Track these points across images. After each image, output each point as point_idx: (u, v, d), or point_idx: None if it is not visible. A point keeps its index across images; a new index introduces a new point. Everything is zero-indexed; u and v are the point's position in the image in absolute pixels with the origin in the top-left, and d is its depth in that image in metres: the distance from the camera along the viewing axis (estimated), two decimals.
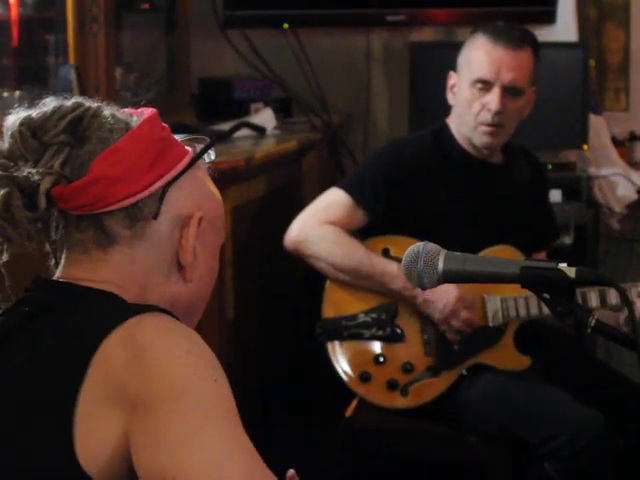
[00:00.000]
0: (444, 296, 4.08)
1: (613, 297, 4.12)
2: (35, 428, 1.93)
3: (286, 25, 5.04)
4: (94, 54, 4.29)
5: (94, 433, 1.89)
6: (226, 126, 4.66)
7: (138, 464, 1.87)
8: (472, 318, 4.12)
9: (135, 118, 2.09)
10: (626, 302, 2.36)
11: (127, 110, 2.13)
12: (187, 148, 2.15)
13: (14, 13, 4.30)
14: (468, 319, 4.11)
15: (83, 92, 3.64)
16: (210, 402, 1.90)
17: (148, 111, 2.11)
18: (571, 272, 2.23)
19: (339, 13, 5.13)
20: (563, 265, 2.25)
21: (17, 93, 4.17)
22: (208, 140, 2.35)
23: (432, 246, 2.29)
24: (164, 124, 2.12)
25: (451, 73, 4.27)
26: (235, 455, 1.86)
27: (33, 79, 4.07)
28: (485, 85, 4.14)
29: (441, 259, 2.29)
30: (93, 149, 2.01)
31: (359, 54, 5.37)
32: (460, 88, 4.22)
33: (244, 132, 4.69)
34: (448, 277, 2.32)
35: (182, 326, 2.01)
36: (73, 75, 4.14)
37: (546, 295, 2.33)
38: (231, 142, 4.57)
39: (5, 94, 4.18)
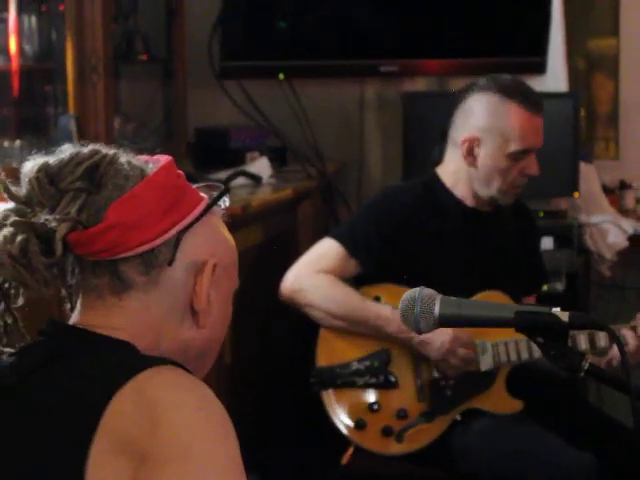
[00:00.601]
0: (440, 336, 4.07)
1: (602, 340, 4.14)
2: (50, 474, 1.93)
3: (281, 76, 5.05)
4: (93, 104, 4.30)
5: (103, 477, 1.88)
6: (223, 175, 4.69)
7: None
8: (468, 355, 4.12)
9: (151, 165, 2.08)
10: (618, 344, 2.38)
11: (143, 157, 2.12)
12: (202, 195, 2.15)
13: (15, 64, 4.32)
14: (465, 356, 4.11)
15: (82, 139, 3.66)
16: (218, 462, 1.90)
17: (164, 158, 2.10)
18: (564, 316, 2.26)
19: (333, 64, 5.16)
20: (556, 310, 2.27)
21: (17, 142, 4.18)
22: (222, 187, 2.35)
23: (428, 291, 2.31)
24: (179, 171, 2.11)
25: (467, 136, 4.21)
26: None
27: (33, 129, 4.09)
28: (527, 154, 4.19)
29: (437, 304, 2.31)
30: (109, 195, 2.01)
31: (353, 104, 5.40)
32: (490, 155, 4.20)
33: (240, 181, 4.72)
34: (444, 321, 2.34)
35: (194, 381, 1.99)
36: (73, 125, 4.16)
37: (540, 339, 2.35)
38: (228, 190, 4.58)
39: (6, 144, 4.19)
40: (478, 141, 4.19)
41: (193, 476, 1.86)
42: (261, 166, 4.85)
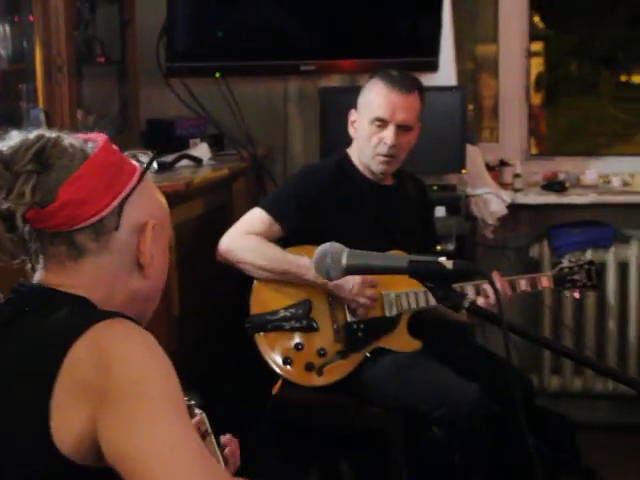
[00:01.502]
0: (350, 280, 4.12)
1: (487, 290, 4.16)
2: (17, 418, 1.96)
3: (218, 74, 5.08)
4: (59, 99, 4.31)
5: (66, 421, 1.91)
6: (169, 158, 4.69)
7: (103, 444, 1.90)
8: (374, 295, 4.18)
9: (90, 145, 2.10)
10: (492, 285, 2.45)
11: (81, 135, 2.14)
12: (134, 164, 2.17)
13: None
14: (371, 295, 4.17)
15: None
16: (163, 398, 1.92)
17: (100, 137, 2.13)
18: (449, 264, 2.34)
19: (261, 64, 5.16)
20: (442, 259, 2.36)
21: None
22: (150, 154, 2.38)
23: (337, 245, 2.40)
24: (115, 147, 2.15)
25: (352, 111, 4.32)
26: (184, 443, 1.90)
27: (9, 121, 4.07)
28: (382, 123, 4.20)
29: (344, 256, 2.39)
30: (58, 176, 2.03)
31: (278, 97, 5.43)
32: (360, 124, 4.28)
33: (184, 162, 4.74)
34: (350, 270, 2.42)
35: (140, 330, 2.02)
36: (42, 117, 4.17)
37: (429, 283, 2.42)
38: (173, 171, 4.61)
39: None
40: (357, 114, 4.29)
41: (143, 409, 1.90)
42: (202, 150, 4.89)
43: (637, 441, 1.89)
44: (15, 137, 2.08)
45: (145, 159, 2.27)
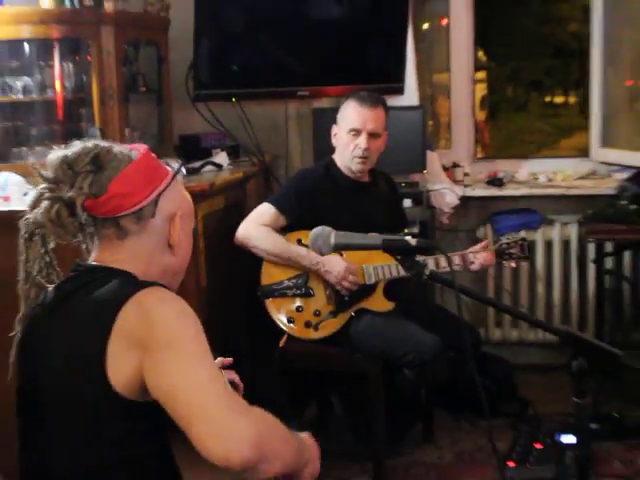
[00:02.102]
0: (336, 267, 4.14)
1: (443, 263, 4.19)
2: (82, 365, 1.98)
3: (234, 99, 5.07)
4: (111, 120, 4.34)
5: (119, 365, 1.95)
6: (197, 164, 4.68)
7: (149, 383, 1.94)
8: (355, 280, 4.17)
9: (134, 152, 2.15)
10: (446, 257, 2.47)
11: (128, 145, 2.20)
12: (168, 168, 2.22)
13: (59, 96, 4.32)
14: (352, 281, 4.16)
15: None
16: (192, 347, 1.96)
17: (142, 147, 2.20)
18: (413, 242, 2.38)
19: (267, 91, 5.15)
20: (408, 237, 2.38)
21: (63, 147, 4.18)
22: (179, 162, 2.40)
23: (327, 229, 2.45)
24: (153, 154, 2.21)
25: (333, 126, 4.35)
26: (211, 380, 1.93)
27: (72, 137, 4.05)
28: (356, 132, 4.22)
29: (332, 236, 2.42)
30: (109, 175, 2.09)
31: (280, 116, 5.39)
32: (340, 135, 4.30)
33: (208, 168, 4.73)
34: (337, 247, 2.46)
35: (174, 296, 2.06)
36: (98, 134, 4.18)
37: (398, 257, 2.43)
38: (200, 174, 4.60)
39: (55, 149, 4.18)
40: (337, 128, 4.30)
41: (177, 355, 1.93)
42: (222, 158, 4.88)
43: (559, 378, 1.90)
44: (77, 145, 2.13)
45: (175, 165, 2.34)
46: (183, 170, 2.95)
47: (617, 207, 4.98)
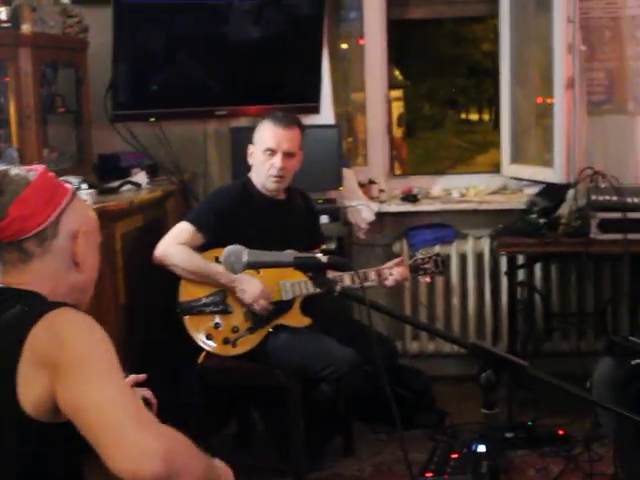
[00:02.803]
0: (252, 289, 4.15)
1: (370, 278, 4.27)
2: None
3: (153, 119, 5.02)
4: (29, 141, 4.26)
5: (29, 387, 1.92)
6: (116, 184, 4.63)
7: (59, 402, 1.91)
8: (266, 305, 4.18)
9: (32, 173, 2.11)
10: (357, 275, 2.47)
11: (25, 167, 2.16)
12: (67, 186, 2.19)
13: None
14: (263, 306, 4.17)
15: (23, 164, 3.60)
16: (102, 365, 1.94)
17: (39, 167, 2.16)
18: (324, 259, 2.36)
19: (186, 110, 5.13)
20: (319, 255, 2.38)
21: None
22: (78, 179, 2.36)
23: (239, 247, 2.42)
24: (51, 173, 2.16)
25: (250, 145, 4.33)
26: (120, 395, 1.91)
27: None
28: (271, 152, 4.22)
29: (245, 254, 2.39)
30: (9, 199, 2.05)
31: (199, 135, 5.39)
32: (256, 154, 4.29)
33: (127, 187, 4.67)
34: (250, 265, 2.43)
35: (84, 315, 2.03)
36: (16, 154, 4.13)
37: (309, 273, 2.43)
38: (119, 193, 4.55)
39: None
40: (253, 147, 4.29)
41: (88, 374, 1.91)
42: (140, 177, 4.82)
43: (475, 388, 1.92)
44: None
45: (76, 182, 2.30)
46: (84, 187, 2.95)
47: (527, 221, 5.03)
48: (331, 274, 3.99)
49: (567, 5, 4.99)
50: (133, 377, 2.53)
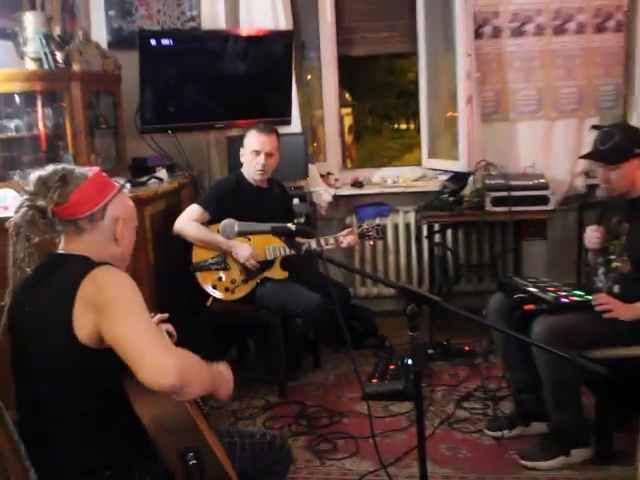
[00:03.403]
0: (244, 252, 4.15)
1: (323, 243, 4.26)
2: (55, 322, 1.96)
3: (170, 131, 4.97)
4: (81, 149, 4.23)
5: (81, 323, 1.94)
6: (144, 178, 4.61)
7: (103, 333, 1.92)
8: (255, 263, 4.18)
9: (90, 172, 2.11)
10: (317, 240, 2.46)
11: (86, 167, 2.16)
12: (115, 184, 2.19)
13: (42, 132, 4.21)
14: (253, 264, 4.17)
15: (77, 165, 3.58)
16: (133, 305, 1.95)
17: (95, 168, 2.16)
18: (293, 227, 2.35)
19: (194, 124, 5.07)
20: (290, 225, 2.35)
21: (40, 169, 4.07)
22: (125, 180, 2.37)
23: (232, 220, 2.41)
24: (104, 174, 2.17)
25: (241, 149, 4.34)
26: (148, 329, 1.91)
27: (53, 162, 3.94)
28: (257, 153, 4.21)
29: (236, 225, 2.39)
30: (71, 189, 2.05)
31: (204, 142, 5.34)
32: (245, 155, 4.30)
33: (153, 181, 4.64)
34: (240, 233, 2.43)
35: (120, 271, 2.03)
36: (71, 159, 4.10)
37: (283, 238, 2.43)
38: (147, 185, 4.52)
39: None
40: (243, 150, 4.29)
41: (123, 312, 1.92)
42: (162, 174, 4.80)
43: (405, 319, 1.94)
44: (50, 168, 2.09)
45: (121, 181, 2.29)
46: (127, 186, 2.88)
47: (441, 199, 5.07)
48: (302, 241, 4.03)
49: (466, 44, 5.02)
50: (159, 316, 2.53)
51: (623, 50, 5.28)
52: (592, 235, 3.42)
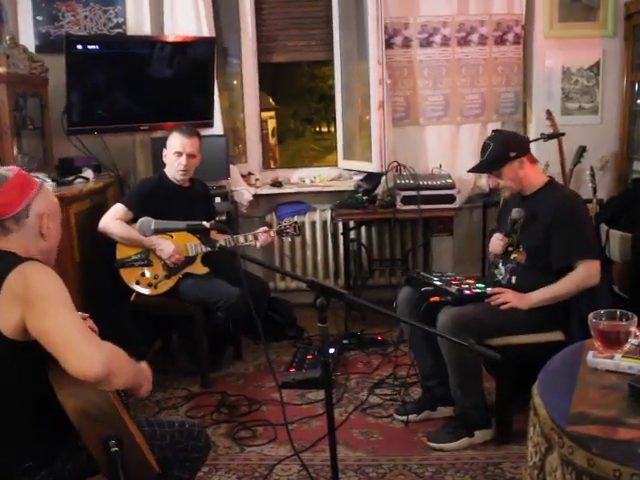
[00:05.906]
0: (167, 249, 4.09)
1: (242, 239, 4.21)
2: None
3: (96, 133, 4.87)
4: (8, 149, 4.10)
5: (7, 317, 1.89)
6: (70, 178, 4.49)
7: (29, 327, 1.88)
8: (179, 259, 4.12)
9: (10, 173, 2.05)
10: (232, 237, 2.42)
11: (5, 168, 2.10)
12: (36, 181, 2.13)
13: None
14: (176, 260, 4.11)
15: (3, 165, 3.46)
16: (59, 300, 1.91)
17: (15, 168, 2.10)
18: (207, 225, 2.30)
19: (120, 126, 4.95)
20: (205, 222, 2.29)
21: None
22: (45, 175, 2.28)
23: (149, 218, 2.36)
24: (24, 172, 2.11)
25: (164, 149, 4.26)
26: (74, 323, 1.89)
27: None
28: (179, 154, 4.15)
29: (153, 223, 2.34)
30: None
31: (129, 144, 5.23)
32: (168, 155, 4.23)
33: (79, 180, 4.51)
34: (157, 231, 2.38)
35: (45, 266, 1.98)
36: None
37: (197, 235, 2.40)
38: (73, 184, 4.40)
39: None
40: (166, 151, 4.22)
41: (48, 305, 1.88)
42: (88, 173, 4.66)
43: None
44: None
45: (42, 177, 2.24)
46: (48, 181, 2.79)
47: (355, 198, 5.08)
48: (221, 237, 3.98)
49: (378, 52, 5.04)
50: (80, 314, 2.48)
51: (521, 61, 5.40)
52: (497, 243, 3.50)
